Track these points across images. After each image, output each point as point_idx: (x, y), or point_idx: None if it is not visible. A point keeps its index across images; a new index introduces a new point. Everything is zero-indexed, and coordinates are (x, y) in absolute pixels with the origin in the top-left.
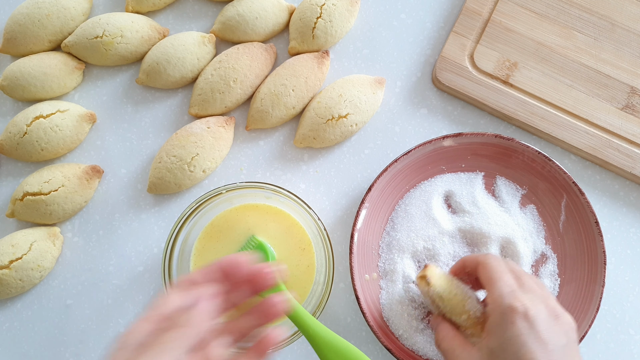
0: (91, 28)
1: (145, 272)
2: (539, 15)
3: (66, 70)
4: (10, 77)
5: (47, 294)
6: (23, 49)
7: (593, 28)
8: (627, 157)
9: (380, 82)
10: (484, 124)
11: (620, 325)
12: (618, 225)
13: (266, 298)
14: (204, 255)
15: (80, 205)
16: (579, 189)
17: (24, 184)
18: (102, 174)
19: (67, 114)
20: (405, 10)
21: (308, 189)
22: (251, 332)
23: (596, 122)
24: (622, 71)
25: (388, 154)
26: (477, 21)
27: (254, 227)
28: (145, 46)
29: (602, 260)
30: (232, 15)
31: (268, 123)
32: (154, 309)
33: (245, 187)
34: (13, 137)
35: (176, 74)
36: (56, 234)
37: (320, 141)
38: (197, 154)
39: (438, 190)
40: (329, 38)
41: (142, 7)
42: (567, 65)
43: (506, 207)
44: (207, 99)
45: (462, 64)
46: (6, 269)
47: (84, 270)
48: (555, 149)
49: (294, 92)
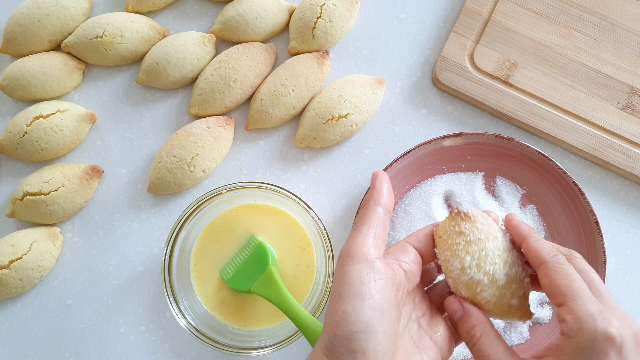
0: (91, 28)
1: (145, 272)
2: (539, 15)
3: (66, 70)
4: (10, 77)
5: (47, 294)
6: (23, 49)
7: (593, 28)
8: (627, 157)
9: (380, 82)
10: (484, 124)
11: None
12: (618, 225)
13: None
14: (204, 255)
15: (80, 205)
16: (579, 189)
17: (24, 184)
18: (102, 174)
19: (67, 114)
20: (405, 10)
21: (308, 189)
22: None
23: (596, 122)
24: (622, 71)
25: (388, 154)
26: (477, 21)
27: (254, 227)
28: (145, 46)
29: (602, 261)
30: (232, 15)
31: (268, 123)
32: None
33: (245, 187)
34: (13, 137)
35: (176, 74)
36: (56, 234)
37: (320, 141)
38: (197, 154)
39: (438, 190)
40: (329, 38)
41: (142, 7)
42: (567, 65)
43: (506, 207)
44: (207, 99)
45: (462, 64)
46: (6, 269)
47: (84, 270)
48: (555, 149)
49: (294, 92)
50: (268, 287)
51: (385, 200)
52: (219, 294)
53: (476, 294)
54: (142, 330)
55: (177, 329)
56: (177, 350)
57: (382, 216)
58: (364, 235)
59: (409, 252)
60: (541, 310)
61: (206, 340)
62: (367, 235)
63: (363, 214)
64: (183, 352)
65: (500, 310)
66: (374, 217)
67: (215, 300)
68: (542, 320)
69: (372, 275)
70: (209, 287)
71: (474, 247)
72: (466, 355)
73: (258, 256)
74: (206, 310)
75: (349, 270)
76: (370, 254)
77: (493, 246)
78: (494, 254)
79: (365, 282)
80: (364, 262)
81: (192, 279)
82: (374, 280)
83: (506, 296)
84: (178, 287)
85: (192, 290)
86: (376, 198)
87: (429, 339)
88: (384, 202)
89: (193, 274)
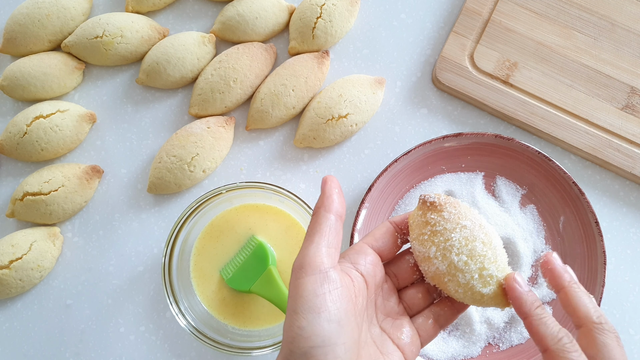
0: (91, 28)
1: (145, 272)
2: (539, 15)
3: (66, 70)
4: (10, 77)
5: (47, 294)
6: (23, 49)
7: (593, 28)
8: (627, 157)
9: (380, 82)
10: (484, 124)
11: (620, 326)
12: (618, 225)
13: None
14: (204, 255)
15: (80, 205)
16: (579, 189)
17: (24, 184)
18: (102, 174)
19: (67, 114)
20: (405, 10)
21: (308, 189)
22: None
23: (596, 122)
24: (622, 71)
25: (388, 154)
26: (477, 21)
27: (254, 227)
28: (145, 46)
29: (602, 261)
30: (232, 15)
31: (268, 123)
32: None
33: (245, 187)
34: (13, 137)
35: (176, 74)
36: (56, 234)
37: (320, 141)
38: (197, 154)
39: (438, 190)
40: (329, 38)
41: (142, 7)
42: (567, 65)
43: (506, 207)
44: (207, 99)
45: (462, 64)
46: (6, 269)
47: (84, 270)
48: (555, 149)
49: (294, 92)
50: (268, 287)
51: (337, 207)
52: (219, 294)
53: (444, 283)
54: (142, 330)
55: (177, 329)
56: (177, 350)
57: (334, 223)
58: (316, 245)
59: (366, 254)
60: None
61: (206, 340)
62: (319, 245)
63: (314, 222)
64: (183, 352)
65: (472, 299)
66: (325, 225)
67: (215, 300)
68: None
69: (326, 286)
70: (209, 287)
71: (440, 237)
72: (466, 356)
73: (258, 256)
74: (206, 310)
75: (302, 283)
76: (324, 264)
77: (460, 236)
78: (461, 244)
79: (319, 294)
80: (317, 273)
81: (192, 279)
82: (329, 291)
83: (476, 286)
84: (178, 287)
85: (192, 290)
86: (327, 205)
87: (392, 342)
88: (335, 209)
89: (193, 274)
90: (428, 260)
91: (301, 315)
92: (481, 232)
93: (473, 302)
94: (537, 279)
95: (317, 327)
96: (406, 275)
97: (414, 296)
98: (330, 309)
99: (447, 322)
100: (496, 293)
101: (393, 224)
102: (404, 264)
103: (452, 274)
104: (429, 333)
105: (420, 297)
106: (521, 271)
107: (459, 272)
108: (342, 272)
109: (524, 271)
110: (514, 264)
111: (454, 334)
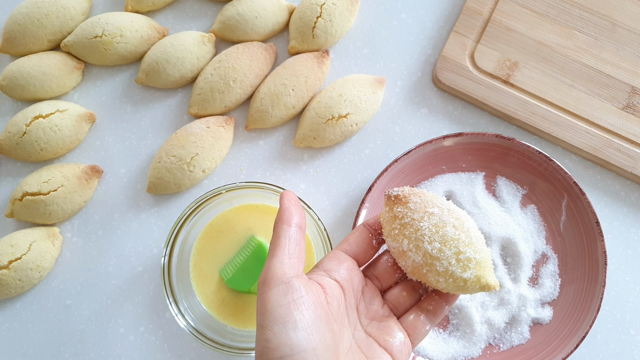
0: (90, 28)
1: (144, 272)
2: (540, 15)
3: (65, 70)
4: (9, 77)
5: (46, 294)
6: (22, 49)
7: (594, 28)
8: (628, 157)
9: (380, 81)
10: (485, 123)
11: (621, 326)
12: (619, 225)
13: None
14: (203, 255)
15: (80, 205)
16: (579, 189)
17: (23, 184)
18: (101, 174)
19: (66, 113)
20: (406, 9)
21: (308, 189)
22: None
23: (597, 122)
24: (623, 71)
25: (388, 154)
26: (477, 21)
27: (254, 227)
28: (145, 46)
29: (602, 261)
30: (232, 15)
31: (268, 123)
32: None
33: (245, 187)
34: (12, 137)
35: (176, 74)
36: (55, 234)
37: (320, 141)
38: (197, 153)
39: (438, 190)
40: (329, 37)
41: (142, 6)
42: (568, 65)
43: (507, 207)
44: (206, 99)
45: (463, 63)
46: (5, 269)
47: (84, 271)
48: (556, 148)
49: (294, 92)
50: None
51: (295, 219)
52: (218, 294)
53: (424, 275)
54: (141, 331)
55: (176, 330)
56: (177, 351)
57: (294, 234)
58: (277, 258)
59: (340, 260)
60: (542, 311)
61: (206, 340)
62: (280, 257)
63: (274, 236)
64: (183, 353)
65: (455, 287)
66: (284, 238)
67: (214, 300)
68: (542, 320)
69: (290, 296)
70: (209, 287)
71: (409, 228)
72: (467, 356)
73: (258, 256)
74: (206, 311)
75: (267, 296)
76: (286, 274)
77: (429, 224)
78: (431, 232)
79: (282, 304)
80: (280, 284)
81: (192, 279)
82: (293, 300)
83: (455, 272)
84: (177, 288)
85: (192, 290)
86: (285, 218)
87: (378, 345)
88: (294, 221)
89: (193, 274)
90: (404, 255)
91: (267, 328)
92: (451, 217)
93: (457, 289)
94: (538, 279)
95: (284, 337)
96: (387, 275)
97: (398, 295)
98: (296, 317)
99: (438, 317)
100: (478, 275)
101: (367, 226)
102: (383, 264)
103: (430, 264)
104: (420, 331)
105: (405, 295)
106: (521, 271)
107: (435, 260)
108: (308, 280)
109: (525, 271)
110: (515, 264)
111: (455, 335)
